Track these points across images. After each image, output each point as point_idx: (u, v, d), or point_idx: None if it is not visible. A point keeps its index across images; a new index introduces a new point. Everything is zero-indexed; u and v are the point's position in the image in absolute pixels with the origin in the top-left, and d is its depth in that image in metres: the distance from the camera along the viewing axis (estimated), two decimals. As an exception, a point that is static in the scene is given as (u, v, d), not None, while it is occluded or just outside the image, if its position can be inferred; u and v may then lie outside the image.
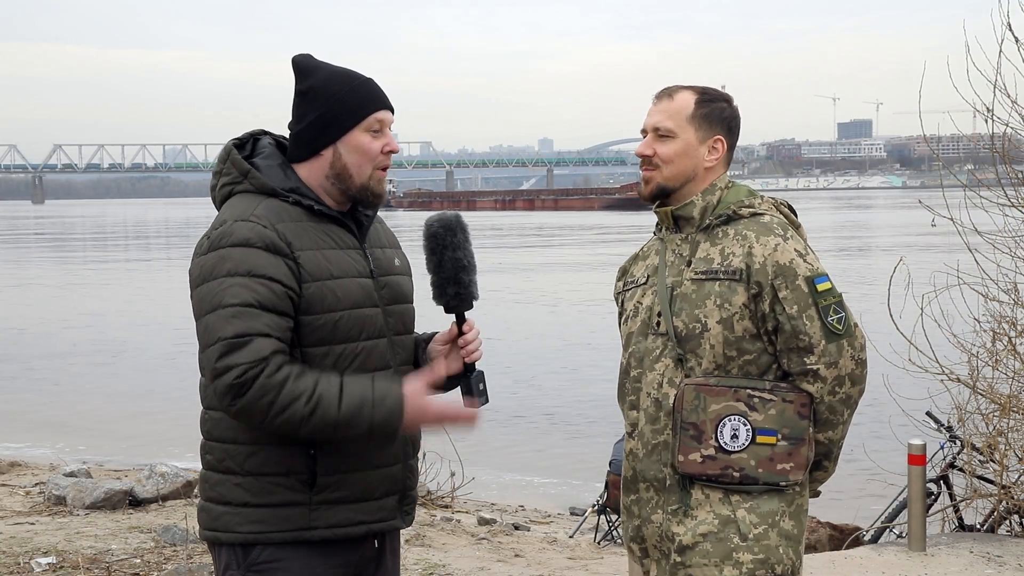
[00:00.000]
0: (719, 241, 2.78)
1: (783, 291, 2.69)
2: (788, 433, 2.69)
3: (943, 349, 6.68)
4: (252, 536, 2.54)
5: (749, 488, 2.69)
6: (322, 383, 2.46)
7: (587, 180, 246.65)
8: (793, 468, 2.70)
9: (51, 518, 6.95)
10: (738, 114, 2.90)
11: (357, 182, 2.64)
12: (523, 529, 8.01)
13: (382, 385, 2.53)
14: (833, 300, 2.71)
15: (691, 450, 2.69)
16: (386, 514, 2.66)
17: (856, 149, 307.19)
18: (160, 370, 16.60)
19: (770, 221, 2.77)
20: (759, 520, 2.68)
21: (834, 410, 2.74)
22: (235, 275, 2.47)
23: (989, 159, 6.83)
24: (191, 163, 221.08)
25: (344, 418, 2.46)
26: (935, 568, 5.98)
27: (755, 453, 2.68)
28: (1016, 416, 6.67)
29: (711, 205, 2.82)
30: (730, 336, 2.70)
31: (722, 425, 2.67)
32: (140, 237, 69.07)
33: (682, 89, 2.86)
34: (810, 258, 2.74)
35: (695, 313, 2.73)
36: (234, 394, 2.41)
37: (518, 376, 15.26)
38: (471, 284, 2.65)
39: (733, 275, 2.71)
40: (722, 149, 2.85)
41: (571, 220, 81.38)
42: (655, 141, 2.83)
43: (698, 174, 2.83)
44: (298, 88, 2.69)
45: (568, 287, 28.36)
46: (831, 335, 2.69)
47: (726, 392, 2.68)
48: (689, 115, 2.82)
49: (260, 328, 2.44)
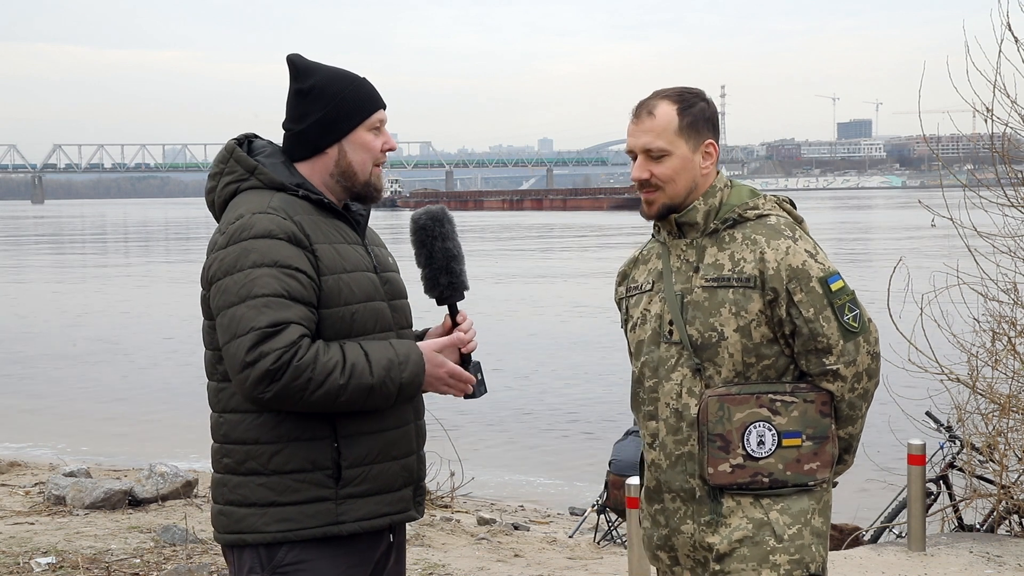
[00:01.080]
0: (727, 246, 2.73)
1: (798, 294, 2.66)
2: (812, 433, 2.69)
3: (943, 349, 6.68)
4: (280, 535, 2.54)
5: (780, 491, 2.69)
6: (349, 352, 2.50)
7: (587, 180, 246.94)
8: (820, 467, 2.70)
9: (51, 518, 6.95)
10: (715, 107, 2.84)
11: (361, 179, 2.70)
12: (523, 529, 8.01)
13: (400, 345, 2.59)
14: (847, 298, 2.70)
15: (720, 461, 2.68)
16: (404, 505, 2.69)
17: (856, 149, 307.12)
18: (161, 370, 16.61)
19: (777, 222, 2.73)
20: (792, 520, 2.68)
21: (853, 406, 2.74)
22: (262, 266, 2.48)
23: (989, 159, 6.83)
24: (191, 163, 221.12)
25: (378, 381, 2.51)
26: (935, 568, 5.98)
27: (782, 457, 2.67)
28: (1016, 416, 6.67)
29: (714, 208, 2.77)
30: (748, 343, 2.68)
31: (748, 433, 2.66)
32: (140, 237, 69.06)
33: (659, 101, 2.77)
34: (820, 257, 2.71)
35: (710, 322, 2.69)
36: (270, 379, 2.42)
37: (518, 376, 15.26)
38: (462, 273, 2.69)
39: (747, 282, 2.68)
40: (715, 151, 2.79)
41: (583, 220, 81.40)
42: (649, 163, 2.76)
43: (698, 183, 2.78)
44: (297, 87, 2.70)
45: (569, 286, 28.37)
46: (848, 333, 2.68)
47: (748, 399, 2.67)
48: (676, 129, 2.74)
49: (292, 317, 2.46)
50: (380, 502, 2.62)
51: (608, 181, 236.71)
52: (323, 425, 2.55)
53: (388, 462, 2.63)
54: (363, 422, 2.58)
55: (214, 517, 2.65)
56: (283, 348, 2.42)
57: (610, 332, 19.81)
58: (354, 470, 2.57)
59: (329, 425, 2.55)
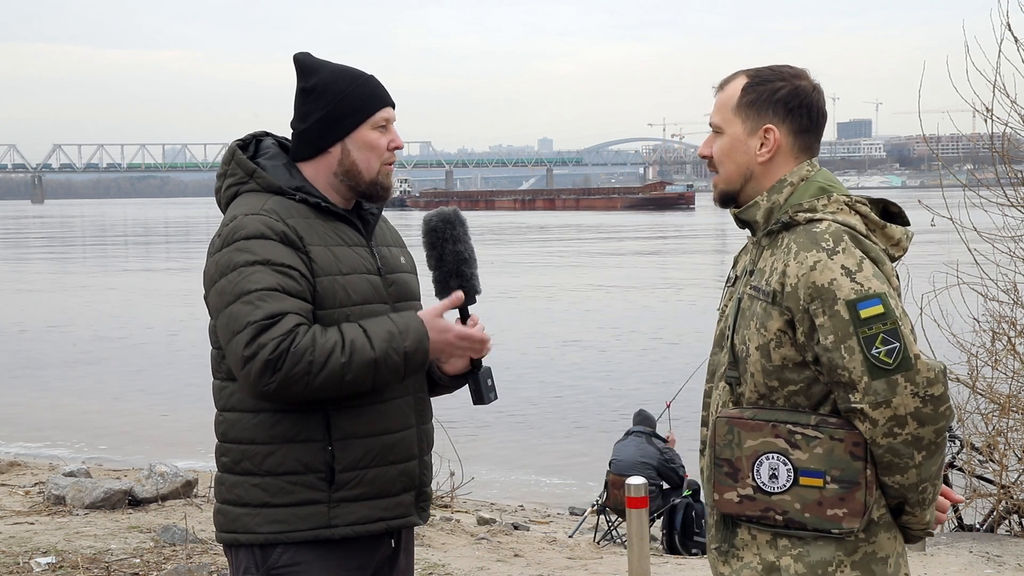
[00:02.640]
0: (776, 252, 2.41)
1: (820, 317, 2.31)
2: (838, 475, 2.32)
3: (943, 349, 6.68)
4: (272, 536, 2.53)
5: (799, 533, 2.36)
6: (346, 331, 2.49)
7: (587, 180, 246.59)
8: (847, 515, 2.33)
9: (51, 518, 6.95)
10: (803, 90, 2.46)
11: (366, 178, 2.66)
12: (522, 529, 8.01)
13: (399, 317, 2.56)
14: (882, 328, 2.28)
15: (726, 488, 2.41)
16: (404, 510, 2.66)
17: (855, 149, 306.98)
18: (161, 370, 16.61)
19: (823, 231, 2.34)
20: (806, 571, 2.36)
21: (897, 453, 2.32)
22: (254, 264, 2.48)
23: (989, 159, 6.83)
24: (190, 163, 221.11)
25: (381, 354, 2.48)
26: (935, 568, 5.98)
27: (799, 496, 2.34)
28: (1015, 416, 6.67)
29: (777, 205, 2.45)
30: (768, 365, 2.38)
31: (759, 463, 2.37)
32: (140, 237, 69.07)
33: (739, 75, 2.52)
34: (861, 276, 2.30)
35: (744, 334, 2.43)
36: (272, 369, 2.41)
37: (518, 375, 15.25)
38: (473, 277, 2.65)
39: (768, 297, 2.37)
40: (775, 138, 2.44)
41: (605, 220, 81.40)
42: (712, 139, 2.52)
43: (755, 171, 2.47)
44: (301, 86, 2.68)
45: (567, 286, 28.37)
46: (876, 370, 2.28)
47: (763, 427, 2.36)
48: (735, 105, 2.47)
49: (287, 308, 2.45)
50: (375, 507, 2.59)
51: (609, 181, 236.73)
52: (318, 427, 2.53)
53: (385, 466, 2.60)
54: (359, 425, 2.56)
55: (214, 515, 2.66)
56: (280, 336, 2.41)
57: (611, 332, 19.82)
58: (348, 474, 2.55)
59: (324, 427, 2.54)
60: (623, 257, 41.37)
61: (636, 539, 5.24)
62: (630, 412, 9.21)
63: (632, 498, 5.15)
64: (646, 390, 13.79)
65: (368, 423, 2.57)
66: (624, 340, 18.41)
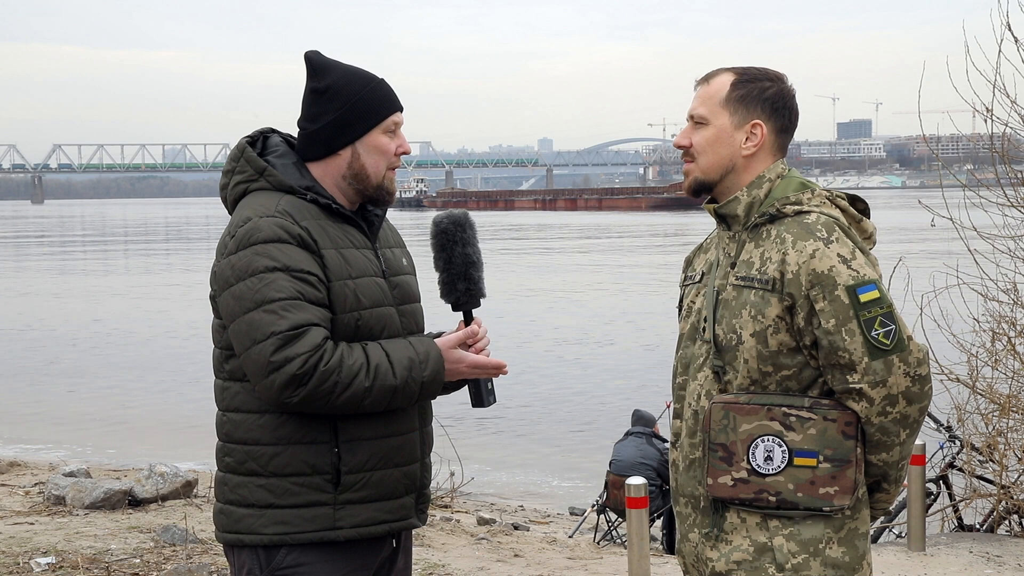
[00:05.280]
0: (762, 243, 2.52)
1: (820, 303, 2.42)
2: (831, 455, 2.43)
3: (943, 349, 6.68)
4: (277, 537, 2.53)
5: (789, 513, 2.46)
6: (371, 353, 2.50)
7: (587, 180, 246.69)
8: (838, 492, 2.44)
9: (51, 518, 6.95)
10: (787, 93, 2.59)
11: (374, 181, 2.66)
12: (522, 529, 8.01)
13: (420, 343, 2.58)
14: (880, 312, 2.43)
15: (720, 472, 2.48)
16: (405, 513, 2.67)
17: (855, 149, 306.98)
18: (161, 370, 16.61)
19: (814, 221, 2.48)
20: (799, 548, 2.45)
21: (887, 431, 2.46)
22: (274, 270, 2.47)
23: (988, 159, 6.83)
24: (190, 163, 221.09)
25: (401, 381, 2.51)
26: (935, 568, 5.98)
27: (793, 476, 2.44)
28: (1015, 416, 6.67)
29: (758, 200, 2.55)
30: (764, 351, 2.47)
31: (754, 446, 2.44)
32: (140, 237, 69.03)
33: (723, 72, 2.62)
34: (856, 263, 2.44)
35: (732, 323, 2.51)
36: (297, 383, 2.42)
37: (517, 375, 15.25)
38: (480, 280, 2.66)
39: (767, 285, 2.46)
40: (762, 134, 2.55)
41: (636, 220, 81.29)
42: (692, 130, 2.60)
43: (737, 164, 2.57)
44: (313, 85, 2.66)
45: (569, 285, 28.36)
46: (876, 351, 2.41)
47: (758, 411, 2.45)
48: (723, 98, 2.56)
49: (311, 319, 2.45)
50: (380, 509, 2.60)
51: (613, 181, 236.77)
52: (324, 429, 2.53)
53: (390, 469, 2.60)
54: (365, 427, 2.56)
55: (215, 515, 2.65)
56: (308, 352, 2.41)
57: (610, 332, 19.81)
58: (354, 476, 2.56)
59: (330, 430, 2.54)
60: (636, 255, 41.34)
61: (636, 539, 5.24)
62: (629, 412, 9.21)
63: (632, 498, 5.16)
64: (646, 390, 13.79)
65: (374, 426, 2.58)
66: (624, 340, 18.58)
